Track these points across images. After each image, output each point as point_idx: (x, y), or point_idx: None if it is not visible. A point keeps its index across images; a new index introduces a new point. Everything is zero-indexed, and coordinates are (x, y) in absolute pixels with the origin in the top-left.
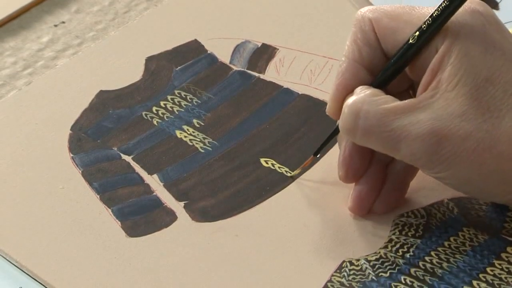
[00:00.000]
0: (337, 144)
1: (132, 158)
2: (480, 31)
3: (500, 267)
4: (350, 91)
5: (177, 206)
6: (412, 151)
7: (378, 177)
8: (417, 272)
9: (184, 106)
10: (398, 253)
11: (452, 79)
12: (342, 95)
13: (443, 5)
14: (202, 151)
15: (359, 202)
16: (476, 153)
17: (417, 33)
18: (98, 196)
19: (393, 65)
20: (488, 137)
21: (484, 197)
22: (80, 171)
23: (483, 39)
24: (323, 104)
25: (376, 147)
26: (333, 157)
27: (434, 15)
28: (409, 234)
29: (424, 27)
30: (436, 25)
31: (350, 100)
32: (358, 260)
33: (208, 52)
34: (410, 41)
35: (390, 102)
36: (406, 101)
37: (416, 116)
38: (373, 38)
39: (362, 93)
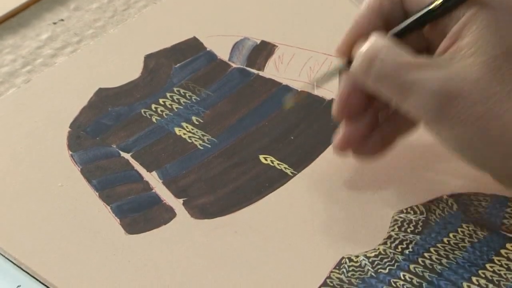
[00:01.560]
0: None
1: (131, 156)
2: (506, 2)
3: (500, 263)
4: (362, 36)
5: (176, 203)
6: (421, 104)
7: (370, 123)
8: (416, 269)
9: (183, 104)
10: (397, 250)
11: (470, 47)
12: (354, 37)
13: None
14: (201, 148)
15: (343, 140)
16: (483, 120)
17: None
18: (97, 194)
19: (417, 18)
20: (498, 107)
21: (482, 167)
22: (79, 169)
23: (505, 13)
24: (322, 101)
25: (386, 93)
26: (333, 154)
27: None
28: (408, 230)
29: None
30: None
31: (369, 41)
32: (357, 256)
33: (207, 49)
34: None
35: (407, 55)
36: (424, 58)
37: (431, 73)
38: None
39: (382, 38)
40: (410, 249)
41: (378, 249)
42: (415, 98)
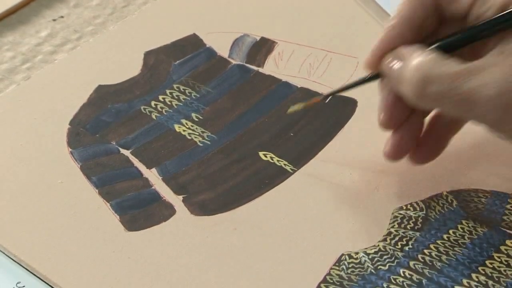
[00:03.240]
0: (334, 139)
1: (131, 152)
2: None
3: (499, 260)
4: (392, 48)
5: (176, 200)
6: (484, 112)
7: (418, 127)
8: (416, 265)
9: (183, 100)
10: (397, 246)
11: None
12: (384, 50)
13: None
14: (201, 144)
15: (397, 148)
16: None
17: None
18: (97, 190)
19: (467, 36)
20: None
21: None
22: (79, 166)
23: None
24: (322, 97)
25: (448, 111)
26: (333, 151)
27: None
28: (408, 227)
29: None
30: None
31: (415, 64)
32: (357, 253)
33: (207, 46)
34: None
35: (458, 65)
36: (474, 62)
37: (486, 76)
38: (430, 1)
39: (425, 56)
40: (410, 246)
41: (378, 245)
42: (477, 108)
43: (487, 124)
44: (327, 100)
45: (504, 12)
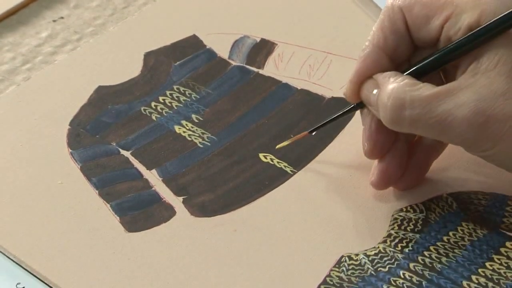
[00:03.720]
0: (334, 141)
1: (131, 153)
2: None
3: (499, 262)
4: (369, 76)
5: (176, 201)
6: (459, 133)
7: (403, 153)
8: (416, 267)
9: (183, 101)
10: (397, 248)
11: (492, 59)
12: (361, 79)
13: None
14: (201, 146)
15: (383, 177)
16: None
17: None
18: (97, 191)
19: (438, 58)
20: None
21: None
22: (79, 166)
23: None
24: (322, 98)
25: (423, 133)
26: (333, 153)
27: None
28: (408, 229)
29: (489, 24)
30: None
31: (389, 90)
32: (357, 255)
33: (207, 47)
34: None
35: (431, 88)
36: (446, 85)
37: (460, 98)
38: (402, 27)
39: (399, 82)
40: (410, 248)
41: (378, 247)
42: (452, 129)
43: (464, 145)
44: (313, 133)
45: (471, 32)
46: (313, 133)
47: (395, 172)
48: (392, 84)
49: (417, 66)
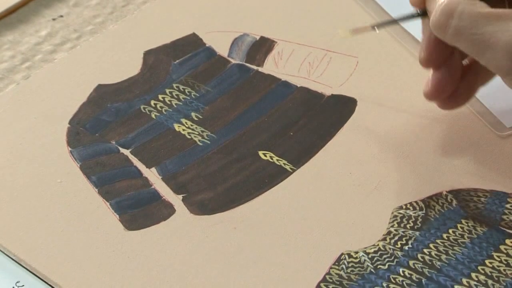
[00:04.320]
0: (334, 139)
1: (131, 152)
2: None
3: (499, 259)
4: None
5: (175, 199)
6: (497, 57)
7: (458, 67)
8: (415, 265)
9: (183, 100)
10: (396, 246)
11: None
12: None
13: None
14: (201, 144)
15: (437, 87)
16: None
17: None
18: (96, 190)
19: None
20: None
21: None
22: (78, 165)
23: None
24: (321, 96)
25: (464, 47)
26: (332, 150)
27: None
28: (408, 226)
29: None
30: None
31: None
32: (356, 252)
33: (207, 45)
34: None
35: (484, 8)
36: (500, 9)
37: (508, 24)
38: None
39: None
40: (410, 245)
41: (378, 245)
42: (491, 52)
43: (499, 71)
44: (377, 31)
45: None
46: (376, 30)
47: (449, 84)
48: None
49: None
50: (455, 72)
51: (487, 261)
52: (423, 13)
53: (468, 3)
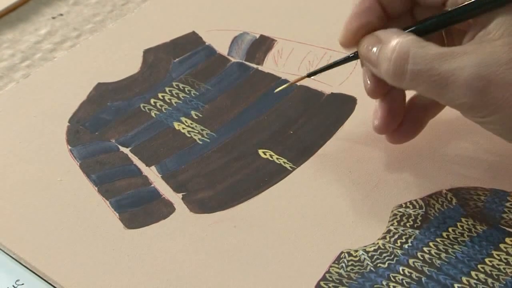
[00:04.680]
0: (334, 137)
1: (130, 150)
2: None
3: (499, 257)
4: (364, 21)
5: (175, 198)
6: (458, 95)
7: (402, 98)
8: (415, 263)
9: (182, 98)
10: (396, 244)
11: (498, 29)
12: (356, 24)
13: None
14: (200, 142)
15: (385, 119)
16: None
17: None
18: (96, 188)
19: (444, 19)
20: None
21: None
22: (78, 163)
23: None
24: (321, 95)
25: (423, 91)
26: (332, 149)
27: None
28: (408, 225)
29: None
30: None
31: (394, 44)
32: (356, 251)
33: (206, 44)
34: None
35: (436, 48)
36: (452, 47)
37: (463, 60)
38: None
39: (404, 37)
40: (409, 244)
41: (377, 243)
42: (452, 90)
43: (461, 109)
44: (311, 77)
45: None
46: (311, 77)
47: (395, 115)
48: (397, 39)
49: (421, 25)
50: (401, 103)
51: (487, 260)
52: (354, 57)
53: (419, 46)
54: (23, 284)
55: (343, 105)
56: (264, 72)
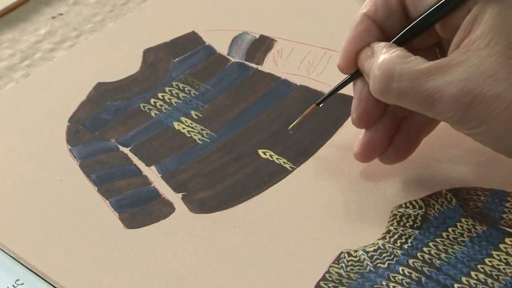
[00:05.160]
0: (334, 137)
1: (130, 150)
2: None
3: (499, 258)
4: (362, 44)
5: (175, 198)
6: (445, 110)
7: (390, 127)
8: (415, 263)
9: (182, 98)
10: (396, 244)
11: (484, 38)
12: (354, 47)
13: None
14: (200, 142)
15: (366, 149)
16: (507, 111)
17: None
18: (96, 188)
19: (419, 24)
20: None
21: None
22: (78, 163)
23: None
24: (321, 94)
25: (410, 107)
26: (332, 149)
27: None
28: (407, 225)
29: None
30: None
31: (380, 60)
32: (356, 251)
33: (206, 43)
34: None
35: (422, 63)
36: (437, 60)
37: (449, 75)
38: (395, 1)
39: (391, 53)
40: (409, 244)
41: (377, 243)
42: (439, 106)
43: (449, 122)
44: (321, 105)
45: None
46: (320, 105)
47: (378, 145)
48: (384, 55)
49: (401, 34)
50: (385, 132)
51: (486, 260)
52: (356, 74)
53: (404, 62)
54: (23, 283)
55: (343, 105)
56: (264, 72)
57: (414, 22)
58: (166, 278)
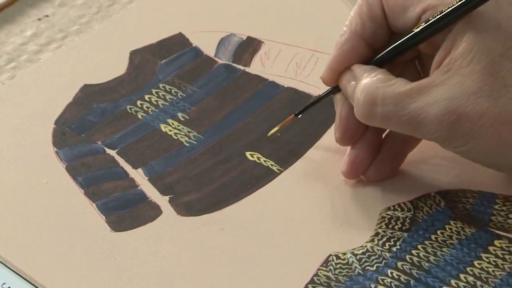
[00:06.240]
0: (321, 139)
1: (117, 152)
2: (493, 6)
3: (488, 260)
4: (347, 63)
5: (162, 201)
6: (431, 131)
7: (374, 143)
8: (404, 266)
9: (169, 100)
10: (384, 247)
11: (466, 56)
12: (339, 65)
13: None
14: (187, 145)
15: (353, 166)
16: (493, 128)
17: (438, 15)
18: (83, 191)
19: (403, 44)
20: (505, 112)
21: (505, 169)
22: (64, 166)
23: (497, 15)
24: (308, 97)
25: (396, 129)
26: (320, 151)
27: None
28: (396, 227)
29: (445, 11)
30: (461, 11)
31: (362, 86)
32: (344, 254)
33: (193, 45)
34: (431, 19)
35: (404, 85)
36: (419, 81)
37: (432, 96)
38: (379, 14)
39: (372, 77)
40: (398, 246)
41: (366, 246)
42: (423, 127)
43: (437, 142)
44: (299, 116)
45: (429, 21)
46: (299, 116)
47: (364, 161)
48: (366, 79)
49: (383, 53)
50: (369, 148)
51: (475, 262)
52: (338, 89)
53: (386, 86)
54: (9, 287)
55: (330, 107)
56: (251, 74)
57: (397, 43)
58: (154, 281)
